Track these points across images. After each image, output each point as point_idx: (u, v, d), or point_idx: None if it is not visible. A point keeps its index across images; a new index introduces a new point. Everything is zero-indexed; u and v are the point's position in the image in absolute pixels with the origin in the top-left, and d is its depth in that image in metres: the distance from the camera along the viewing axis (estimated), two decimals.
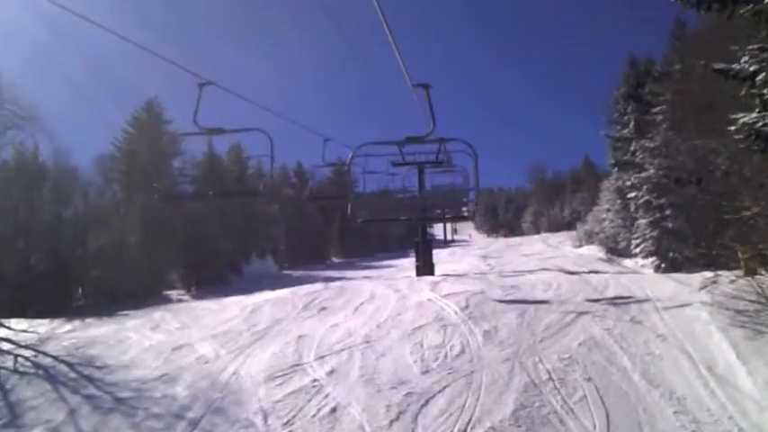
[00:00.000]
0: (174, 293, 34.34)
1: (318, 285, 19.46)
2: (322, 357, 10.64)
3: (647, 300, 13.58)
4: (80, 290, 29.72)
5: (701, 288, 13.84)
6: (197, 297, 31.26)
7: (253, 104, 13.97)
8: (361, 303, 15.21)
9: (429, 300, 14.61)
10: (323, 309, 15.13)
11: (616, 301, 13.77)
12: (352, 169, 20.93)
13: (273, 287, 26.51)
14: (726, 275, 16.38)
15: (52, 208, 30.26)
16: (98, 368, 11.40)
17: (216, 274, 35.51)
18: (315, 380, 9.51)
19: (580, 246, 41.09)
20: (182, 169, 40.76)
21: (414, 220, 22.84)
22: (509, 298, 14.52)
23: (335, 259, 63.88)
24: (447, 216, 26.39)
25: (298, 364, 10.39)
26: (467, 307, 13.50)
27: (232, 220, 39.38)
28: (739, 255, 15.64)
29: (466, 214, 21.44)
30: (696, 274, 16.94)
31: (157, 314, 18.12)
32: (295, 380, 9.61)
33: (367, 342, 11.31)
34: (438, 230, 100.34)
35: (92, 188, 33.96)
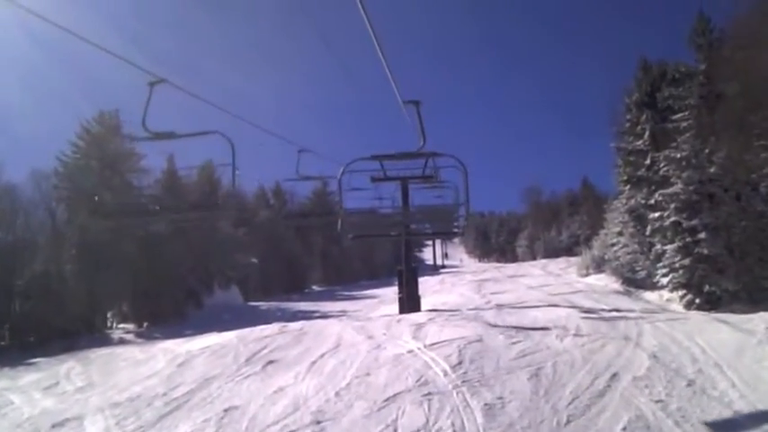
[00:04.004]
0: (120, 330, 31.19)
1: (274, 327, 16.34)
2: None
3: (703, 352, 10.62)
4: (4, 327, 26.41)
5: None
6: (147, 335, 28.22)
7: (229, 115, 12.80)
8: (322, 355, 12.14)
9: (410, 352, 11.59)
10: (270, 362, 12.04)
11: (658, 354, 10.79)
12: (342, 183, 20.13)
13: (233, 323, 23.63)
14: None
15: None
16: None
17: (172, 308, 32.29)
18: None
19: (587, 274, 38.23)
20: (139, 188, 37.67)
21: (402, 235, 20.95)
22: (516, 349, 11.49)
23: (316, 287, 60.87)
24: (436, 232, 25.32)
25: None
26: (460, 364, 10.49)
27: (193, 245, 36.17)
28: None
29: (456, 231, 19.98)
30: (752, 316, 13.99)
31: (66, 366, 14.98)
32: None
33: (317, 422, 8.23)
34: (427, 255, 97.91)
35: (37, 209, 30.91)
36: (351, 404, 8.85)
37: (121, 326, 31.98)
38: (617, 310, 17.84)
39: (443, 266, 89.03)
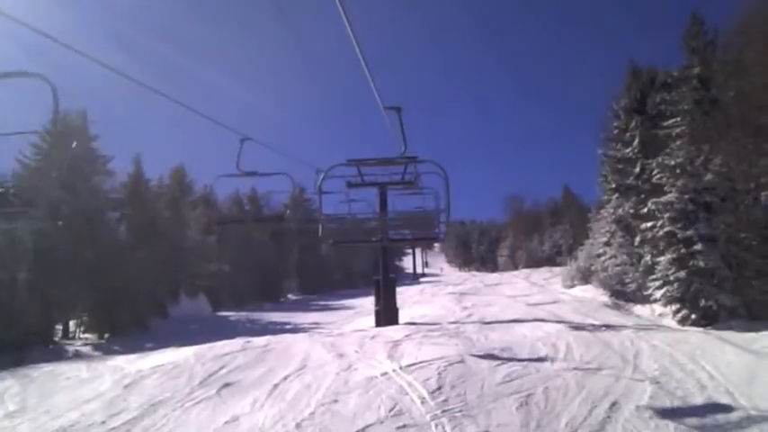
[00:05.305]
0: (80, 342, 29.76)
1: (236, 343, 15.12)
2: None
3: (710, 378, 9.71)
4: None
5: None
6: (106, 348, 26.90)
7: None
8: (286, 377, 11.01)
9: (384, 374, 10.53)
10: (227, 385, 10.87)
11: (661, 380, 9.84)
12: (322, 188, 19.42)
13: (198, 335, 22.46)
14: None
15: None
16: None
17: (135, 318, 30.87)
18: None
19: (572, 286, 37.49)
20: (106, 193, 36.14)
21: (382, 240, 20.46)
22: (502, 372, 10.48)
23: (291, 296, 59.66)
24: (416, 237, 24.89)
25: None
26: (440, 389, 9.46)
27: (160, 252, 34.75)
28: None
29: (436, 237, 19.39)
30: (757, 335, 13.16)
31: (2, 386, 13.61)
32: None
33: None
34: (407, 263, 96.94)
35: None
36: None
37: (84, 336, 30.61)
38: (608, 326, 16.94)
39: (423, 275, 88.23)
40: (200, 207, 44.79)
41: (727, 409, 8.31)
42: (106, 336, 29.94)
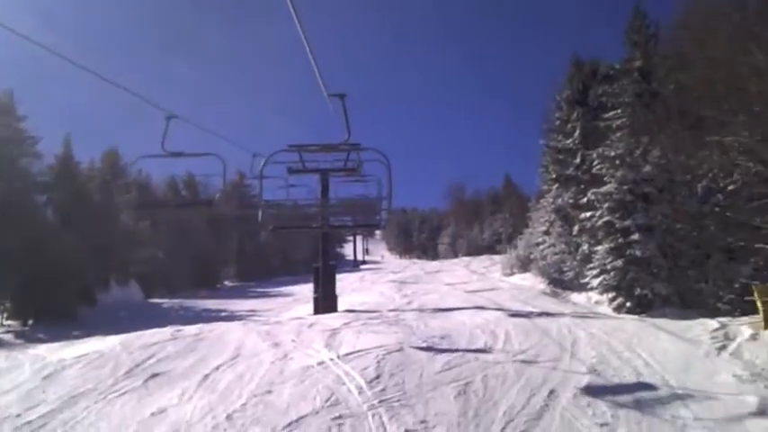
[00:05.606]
0: (1, 329, 28.30)
1: (166, 332, 14.57)
2: None
3: (646, 365, 9.85)
4: None
5: (719, 349, 10.28)
6: (29, 336, 25.63)
7: None
8: (218, 367, 10.63)
9: (321, 363, 10.28)
10: (154, 376, 10.42)
11: (598, 368, 9.93)
12: (264, 174, 18.89)
13: (128, 323, 21.68)
14: (722, 323, 13.16)
15: None
16: None
17: (61, 305, 29.54)
18: None
19: (512, 274, 37.96)
20: (34, 175, 34.34)
21: (323, 226, 20.76)
22: (441, 360, 10.38)
23: (229, 283, 58.63)
24: (358, 224, 25.26)
25: None
26: (378, 378, 9.30)
27: (90, 237, 33.32)
28: (756, 296, 12.38)
29: (378, 223, 19.48)
30: (690, 323, 13.46)
31: None
32: None
33: None
34: (348, 250, 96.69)
35: None
36: (244, 431, 7.46)
37: (7, 323, 29.14)
38: (547, 314, 17.14)
39: (364, 262, 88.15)
40: (134, 191, 43.29)
41: (660, 393, 8.45)
42: (30, 323, 28.58)
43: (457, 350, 11.24)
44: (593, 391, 8.62)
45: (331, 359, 10.48)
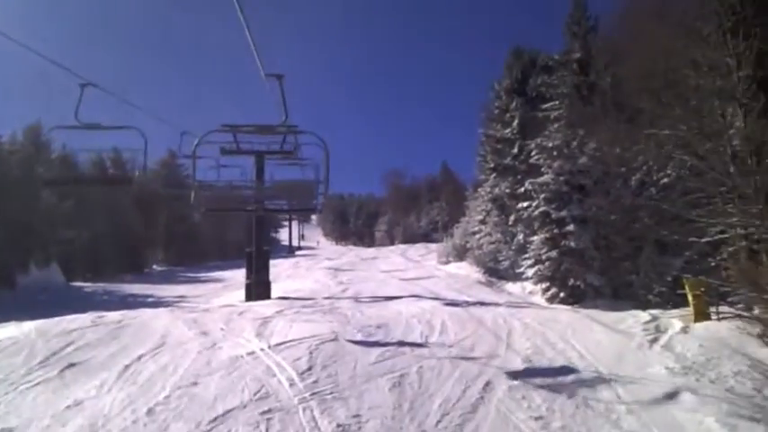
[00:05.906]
0: None
1: (86, 318, 13.88)
2: None
3: (580, 357, 9.94)
4: None
5: (652, 341, 10.47)
6: None
7: None
8: (140, 357, 10.12)
9: (251, 353, 9.93)
10: (72, 365, 9.83)
11: (533, 359, 9.97)
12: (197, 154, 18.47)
13: (48, 308, 20.59)
14: (654, 315, 13.49)
15: None
16: None
17: None
18: None
19: (448, 262, 38.27)
20: None
21: (257, 209, 20.44)
22: (376, 351, 10.20)
23: (157, 267, 56.82)
24: (293, 208, 25.69)
25: None
26: (310, 370, 9.04)
27: (7, 217, 31.59)
28: (687, 290, 12.70)
29: (314, 207, 19.27)
30: (623, 315, 13.75)
31: None
32: None
33: None
34: (284, 236, 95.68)
35: None
36: (166, 426, 7.07)
37: None
38: (482, 303, 17.24)
39: (299, 248, 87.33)
40: (57, 167, 41.29)
41: (594, 385, 8.51)
42: None
43: (392, 341, 11.10)
44: (528, 383, 8.61)
45: (261, 349, 10.14)
